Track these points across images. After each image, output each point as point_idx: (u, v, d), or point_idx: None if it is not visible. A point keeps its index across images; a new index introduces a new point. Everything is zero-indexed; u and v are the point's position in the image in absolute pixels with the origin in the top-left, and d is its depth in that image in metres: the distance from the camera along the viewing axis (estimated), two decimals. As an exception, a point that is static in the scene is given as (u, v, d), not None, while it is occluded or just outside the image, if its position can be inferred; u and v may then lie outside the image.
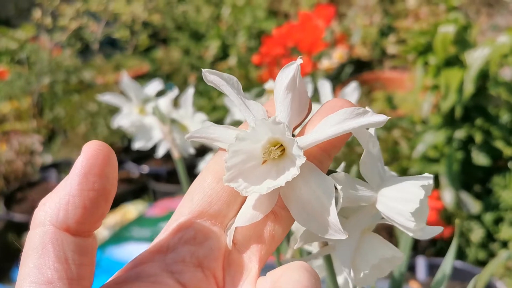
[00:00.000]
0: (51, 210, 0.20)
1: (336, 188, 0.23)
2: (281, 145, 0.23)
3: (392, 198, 0.24)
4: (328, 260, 0.33)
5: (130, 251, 1.21)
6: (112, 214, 1.67)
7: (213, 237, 0.23)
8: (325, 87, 0.51)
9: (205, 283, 0.22)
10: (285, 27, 2.08)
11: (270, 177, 0.23)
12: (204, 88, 2.25)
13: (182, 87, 2.35)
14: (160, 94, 0.58)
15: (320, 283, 0.21)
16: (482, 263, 1.34)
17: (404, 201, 0.24)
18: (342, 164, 0.33)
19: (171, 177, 1.84)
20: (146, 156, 1.97)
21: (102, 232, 1.55)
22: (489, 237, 1.39)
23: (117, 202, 1.75)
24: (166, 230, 0.24)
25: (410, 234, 0.24)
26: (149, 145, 0.55)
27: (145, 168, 1.93)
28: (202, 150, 0.61)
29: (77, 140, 1.96)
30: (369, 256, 0.25)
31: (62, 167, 1.95)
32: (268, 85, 0.49)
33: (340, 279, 0.35)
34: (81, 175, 0.20)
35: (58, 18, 2.40)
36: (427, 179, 0.24)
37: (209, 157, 0.50)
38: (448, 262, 0.47)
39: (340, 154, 1.55)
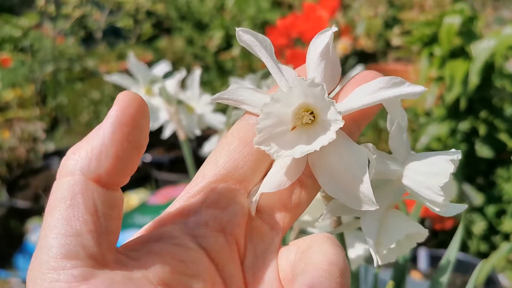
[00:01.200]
0: (82, 159, 0.20)
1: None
2: (311, 112, 0.23)
3: (420, 172, 0.24)
4: (341, 237, 0.33)
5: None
6: (114, 201, 1.68)
7: (237, 202, 0.23)
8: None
9: (227, 249, 0.22)
10: (289, 18, 2.07)
11: (301, 143, 0.22)
12: (207, 78, 2.25)
13: (186, 76, 2.34)
14: (167, 77, 0.58)
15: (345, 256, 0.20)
16: (484, 255, 1.35)
17: (433, 175, 0.23)
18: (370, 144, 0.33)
19: (174, 165, 1.85)
20: (149, 144, 1.94)
21: (105, 220, 1.56)
22: (491, 229, 1.39)
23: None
24: (187, 192, 0.23)
25: (436, 210, 0.24)
26: (155, 126, 0.55)
27: (148, 157, 1.93)
28: (207, 134, 0.61)
29: (80, 128, 1.96)
30: (394, 232, 0.25)
31: (65, 155, 1.95)
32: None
33: (352, 254, 0.35)
34: (115, 124, 0.19)
35: (62, 6, 2.39)
36: (456, 154, 0.24)
37: (215, 139, 0.50)
38: (453, 250, 0.47)
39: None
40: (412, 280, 1.02)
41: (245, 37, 0.24)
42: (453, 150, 0.24)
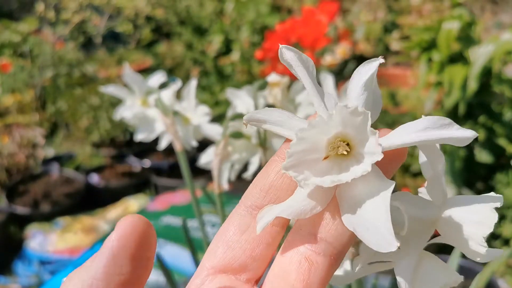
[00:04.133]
0: None
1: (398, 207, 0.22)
2: (347, 144, 0.21)
3: (461, 219, 0.22)
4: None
5: (132, 244, 1.22)
6: (113, 208, 1.68)
7: None
8: (327, 81, 0.51)
9: None
10: (289, 22, 2.07)
11: (331, 173, 0.21)
12: (206, 83, 2.25)
13: (185, 81, 2.33)
14: (163, 87, 0.58)
15: None
16: (483, 261, 1.34)
17: (476, 224, 0.22)
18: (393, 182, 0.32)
19: (173, 171, 1.85)
20: (148, 150, 1.97)
21: (103, 226, 1.56)
22: (491, 234, 1.38)
23: (119, 196, 1.75)
24: (190, 285, 0.22)
25: (474, 258, 0.22)
26: (151, 137, 0.54)
27: (147, 162, 1.93)
28: (204, 144, 0.61)
29: (79, 133, 1.97)
30: (431, 281, 0.23)
31: (64, 160, 1.95)
32: (271, 78, 0.48)
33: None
34: (109, 257, 0.19)
35: (61, 11, 2.40)
36: (498, 199, 0.22)
37: (211, 150, 0.50)
38: (454, 259, 0.46)
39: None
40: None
41: (288, 55, 0.22)
42: (493, 193, 0.23)
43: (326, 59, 1.99)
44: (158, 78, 0.56)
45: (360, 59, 2.26)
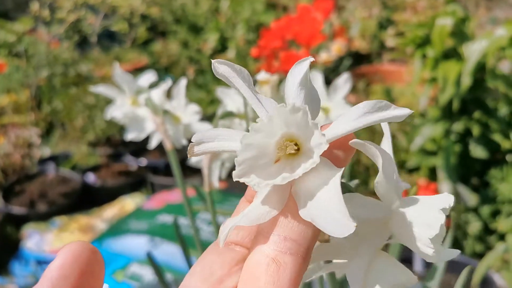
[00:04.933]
0: None
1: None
2: (296, 143, 0.21)
3: (409, 221, 0.23)
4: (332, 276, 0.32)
5: (128, 243, 1.22)
6: (109, 207, 1.68)
7: None
8: (316, 79, 0.51)
9: None
10: (284, 19, 2.07)
11: (284, 171, 0.21)
12: (202, 81, 2.25)
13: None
14: (155, 86, 0.58)
15: None
16: (479, 256, 1.35)
17: (423, 226, 0.22)
18: (356, 181, 0.32)
19: (169, 170, 1.85)
20: (144, 148, 1.97)
21: (100, 225, 1.56)
22: (486, 229, 1.39)
23: (115, 195, 1.75)
24: None
25: (426, 259, 0.23)
26: (141, 136, 0.55)
27: (143, 161, 1.93)
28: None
29: (75, 133, 1.96)
30: (381, 281, 0.23)
31: (60, 160, 1.95)
32: (260, 76, 0.49)
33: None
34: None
35: (56, 11, 2.39)
36: (448, 200, 0.23)
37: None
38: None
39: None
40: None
41: (221, 68, 0.23)
42: (445, 194, 0.23)
43: (322, 56, 1.99)
44: (148, 77, 0.56)
45: (355, 55, 2.26)
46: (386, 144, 0.25)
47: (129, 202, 1.68)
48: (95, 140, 1.98)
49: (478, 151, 1.41)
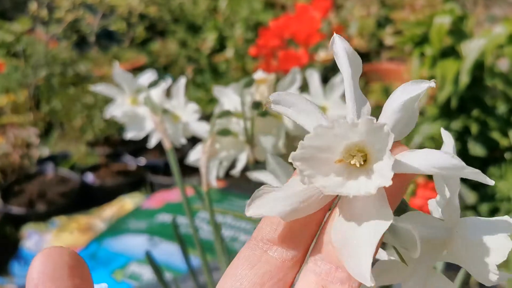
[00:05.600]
0: None
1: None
2: (365, 155, 0.20)
3: (474, 244, 0.22)
4: None
5: (127, 242, 1.22)
6: (109, 206, 1.68)
7: None
8: (313, 77, 0.51)
9: None
10: (282, 18, 2.07)
11: (340, 178, 0.20)
12: (201, 81, 2.25)
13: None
14: (155, 85, 0.58)
15: None
16: (478, 254, 1.35)
17: (490, 251, 0.21)
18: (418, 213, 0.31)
19: (169, 169, 1.84)
20: (143, 148, 1.97)
21: (99, 225, 1.56)
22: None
23: (114, 194, 1.75)
24: None
25: (480, 280, 0.22)
26: (141, 135, 0.55)
27: (143, 160, 1.93)
28: (193, 141, 0.61)
29: (74, 132, 1.96)
30: None
31: (59, 160, 1.95)
32: (258, 75, 0.49)
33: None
34: None
35: (54, 10, 2.39)
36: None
37: (199, 148, 0.50)
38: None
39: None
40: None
41: (339, 45, 0.22)
42: (507, 218, 0.22)
43: (320, 55, 1.99)
44: (148, 76, 0.57)
45: (354, 54, 2.26)
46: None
47: (128, 202, 1.68)
48: (94, 140, 1.98)
49: (476, 149, 1.41)
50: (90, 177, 1.84)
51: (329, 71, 2.08)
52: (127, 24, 2.57)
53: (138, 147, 1.96)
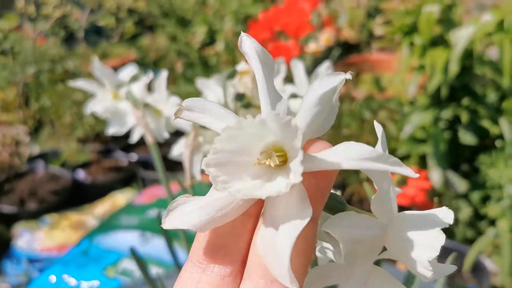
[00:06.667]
0: None
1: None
2: (284, 155, 0.19)
3: (407, 241, 0.21)
4: None
5: (118, 239, 1.21)
6: (101, 203, 1.67)
7: None
8: (298, 68, 0.51)
9: None
10: (271, 11, 2.06)
11: (257, 182, 0.19)
12: (191, 75, 2.24)
13: (169, 74, 2.33)
14: (137, 80, 0.57)
15: None
16: (470, 241, 1.36)
17: (422, 247, 0.21)
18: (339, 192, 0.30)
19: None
20: (134, 144, 1.96)
21: (91, 222, 1.55)
22: (477, 215, 1.40)
23: (106, 191, 1.74)
24: None
25: (422, 279, 0.21)
26: (123, 131, 0.54)
27: (134, 156, 1.92)
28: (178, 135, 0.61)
29: (64, 129, 1.95)
30: None
31: (50, 157, 1.94)
32: (240, 66, 0.48)
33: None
34: None
35: (42, 7, 2.36)
36: (449, 217, 0.21)
37: (182, 142, 0.50)
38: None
39: (326, 136, 1.56)
40: (397, 270, 1.03)
41: (247, 44, 0.21)
42: (444, 209, 0.22)
43: (310, 46, 1.98)
44: (129, 71, 0.56)
45: (344, 45, 2.26)
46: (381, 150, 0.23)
47: (120, 198, 1.68)
48: (84, 137, 1.96)
49: (467, 138, 1.42)
50: (81, 174, 1.83)
51: (320, 62, 2.07)
52: (115, 19, 2.55)
53: (129, 143, 1.95)
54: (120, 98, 0.54)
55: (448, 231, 1.42)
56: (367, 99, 1.69)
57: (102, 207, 1.64)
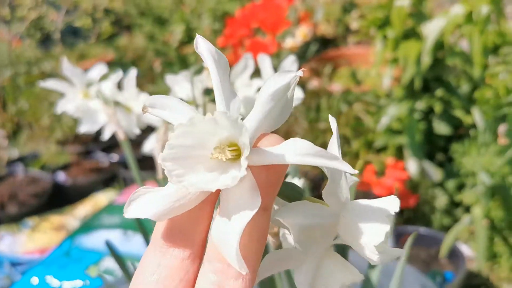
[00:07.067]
0: None
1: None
2: (238, 149, 0.21)
3: (356, 228, 0.23)
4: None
5: (100, 238, 1.22)
6: (82, 204, 1.67)
7: None
8: (265, 63, 0.52)
9: None
10: (248, 7, 2.07)
11: (211, 175, 0.20)
12: (170, 73, 2.24)
13: (148, 73, 2.33)
14: (107, 78, 0.58)
15: None
16: (447, 229, 1.39)
17: (368, 234, 0.22)
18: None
19: (141, 164, 1.83)
20: (115, 144, 1.96)
21: (73, 223, 1.55)
22: (452, 203, 1.43)
23: (87, 192, 1.74)
24: None
25: (371, 262, 0.23)
26: (95, 129, 0.55)
27: (115, 157, 1.92)
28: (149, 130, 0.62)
29: (43, 132, 1.94)
30: (330, 283, 0.24)
31: (29, 160, 1.92)
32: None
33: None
34: None
35: (16, 9, 2.34)
36: (394, 206, 0.23)
37: (153, 137, 0.51)
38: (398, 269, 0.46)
39: (303, 131, 1.58)
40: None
41: (202, 46, 0.22)
42: (392, 198, 0.23)
43: (288, 42, 2.00)
44: (98, 70, 0.56)
45: (321, 40, 2.28)
46: (335, 146, 0.24)
47: (102, 199, 1.67)
48: (64, 139, 1.95)
49: (441, 128, 1.45)
50: (61, 176, 1.82)
51: (299, 58, 2.09)
52: (92, 19, 2.53)
53: (110, 143, 1.95)
54: (91, 96, 0.55)
55: (426, 219, 1.45)
56: (344, 93, 1.71)
57: (84, 209, 1.63)
